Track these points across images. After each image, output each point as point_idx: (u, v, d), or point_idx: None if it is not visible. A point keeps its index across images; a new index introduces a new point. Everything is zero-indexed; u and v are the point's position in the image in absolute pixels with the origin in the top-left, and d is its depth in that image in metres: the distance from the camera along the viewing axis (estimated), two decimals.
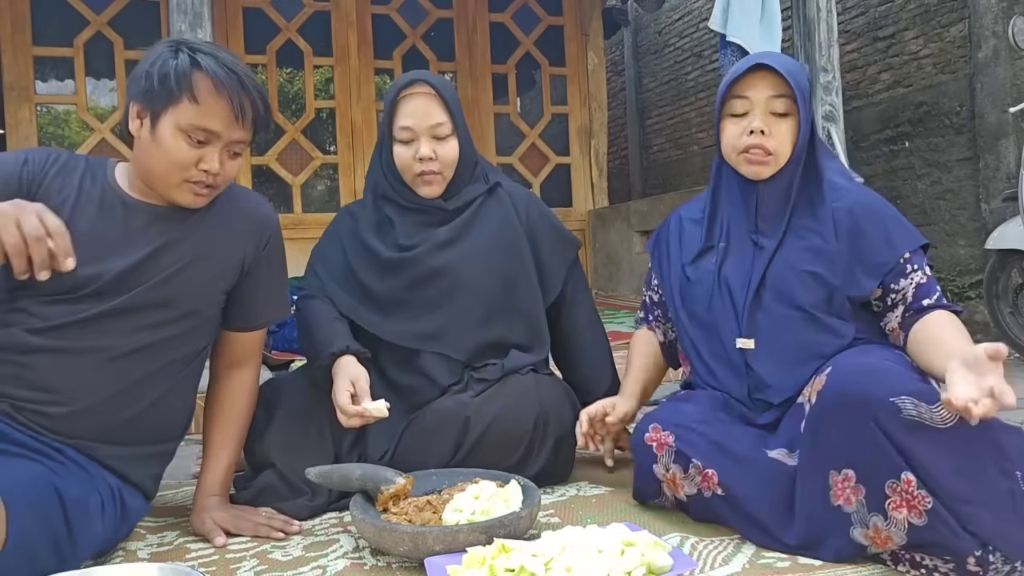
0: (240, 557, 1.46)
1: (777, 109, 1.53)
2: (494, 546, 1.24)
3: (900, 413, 1.21)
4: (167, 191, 1.41)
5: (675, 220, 1.79)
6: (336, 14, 4.73)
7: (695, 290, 1.66)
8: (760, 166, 1.56)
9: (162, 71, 1.34)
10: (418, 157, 1.81)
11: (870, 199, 1.55)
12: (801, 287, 1.52)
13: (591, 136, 5.31)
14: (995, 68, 4.71)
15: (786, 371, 1.50)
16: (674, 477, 1.52)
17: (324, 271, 1.93)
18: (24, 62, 4.11)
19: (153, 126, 1.36)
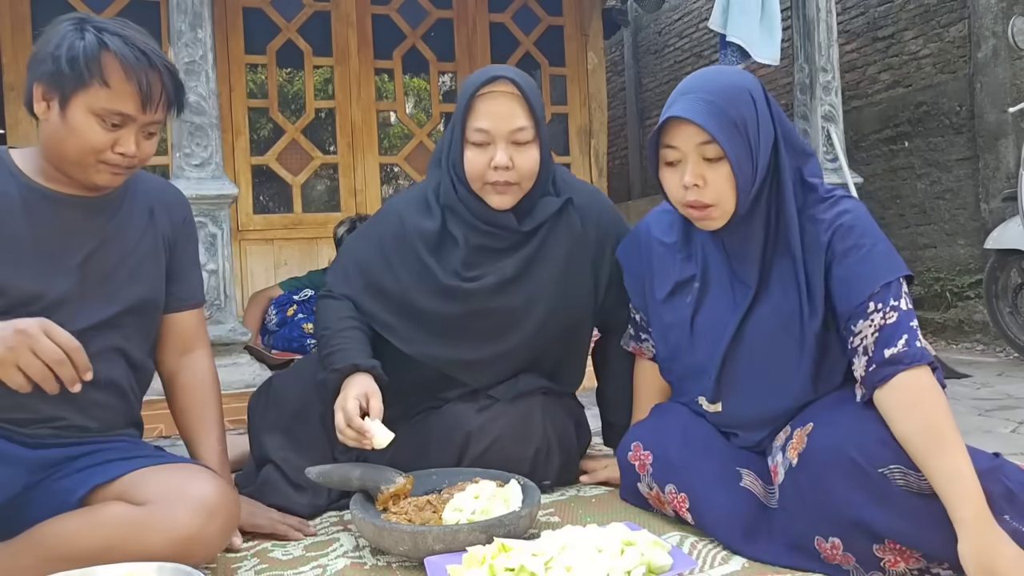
0: (241, 556, 1.46)
1: (708, 155, 1.35)
2: (494, 545, 1.24)
3: (891, 485, 1.19)
4: (82, 173, 1.34)
5: (644, 237, 1.64)
6: (336, 14, 4.73)
7: (669, 334, 1.56)
8: (707, 221, 1.41)
9: (69, 53, 1.28)
10: (493, 165, 1.61)
11: (844, 230, 1.34)
12: (776, 352, 1.40)
13: (591, 136, 5.31)
14: (995, 68, 4.71)
15: (751, 427, 1.46)
16: (657, 496, 1.54)
17: (358, 276, 1.76)
18: (24, 61, 4.11)
19: (63, 109, 1.30)
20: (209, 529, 1.26)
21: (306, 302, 3.47)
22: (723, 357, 1.44)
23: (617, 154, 8.58)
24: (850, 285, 1.31)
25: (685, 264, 1.53)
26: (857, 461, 1.21)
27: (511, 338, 1.72)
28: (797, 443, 1.31)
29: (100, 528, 1.24)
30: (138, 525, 1.23)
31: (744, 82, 1.39)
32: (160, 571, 1.15)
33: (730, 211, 1.38)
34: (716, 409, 1.48)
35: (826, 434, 1.28)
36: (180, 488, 1.26)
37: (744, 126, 1.34)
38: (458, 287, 1.68)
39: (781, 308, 1.39)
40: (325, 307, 1.75)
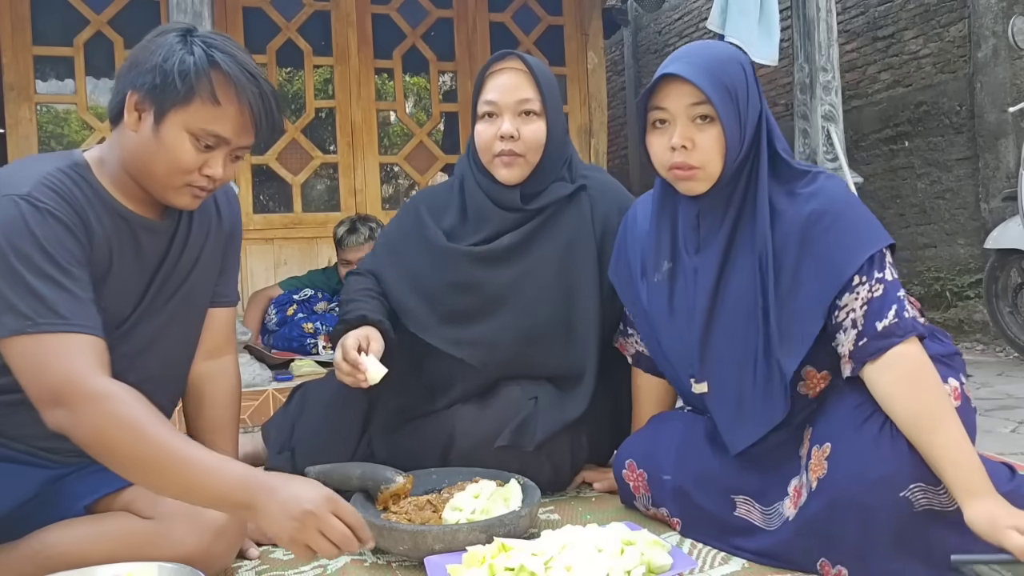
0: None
1: (698, 114, 1.34)
2: (494, 545, 1.24)
3: (913, 508, 1.17)
4: (164, 192, 1.28)
5: (630, 224, 1.61)
6: (336, 14, 4.73)
7: (651, 320, 1.52)
8: (690, 182, 1.38)
9: (180, 68, 1.20)
10: (499, 135, 1.67)
11: (822, 205, 1.32)
12: (748, 324, 1.36)
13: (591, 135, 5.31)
14: (995, 68, 4.71)
15: (742, 420, 1.38)
16: (655, 515, 1.54)
17: (383, 253, 1.87)
18: (24, 61, 4.11)
19: (157, 123, 1.23)
20: (216, 548, 1.26)
21: (306, 302, 3.47)
22: (700, 333, 1.40)
23: (617, 154, 8.57)
24: (833, 260, 1.28)
25: (657, 251, 1.50)
26: (878, 490, 1.18)
27: (504, 312, 1.72)
28: (816, 465, 1.28)
29: (105, 540, 1.24)
30: (145, 541, 1.23)
31: (735, 54, 1.41)
32: (160, 571, 1.15)
33: (715, 175, 1.37)
34: (703, 390, 1.43)
35: (846, 461, 1.23)
36: (188, 506, 1.24)
37: (735, 92, 1.34)
38: (456, 249, 1.74)
39: (750, 279, 1.36)
40: (352, 281, 1.83)
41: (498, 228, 1.75)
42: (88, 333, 1.16)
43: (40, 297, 1.13)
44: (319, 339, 3.32)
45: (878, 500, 1.18)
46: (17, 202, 1.15)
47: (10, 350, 1.14)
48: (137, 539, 1.23)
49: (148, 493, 1.28)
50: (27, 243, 1.14)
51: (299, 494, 1.06)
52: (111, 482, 1.31)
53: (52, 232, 1.17)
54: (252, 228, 4.50)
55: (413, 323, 1.75)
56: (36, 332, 1.12)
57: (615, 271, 1.64)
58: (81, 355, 1.13)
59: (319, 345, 3.30)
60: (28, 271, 1.13)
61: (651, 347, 1.59)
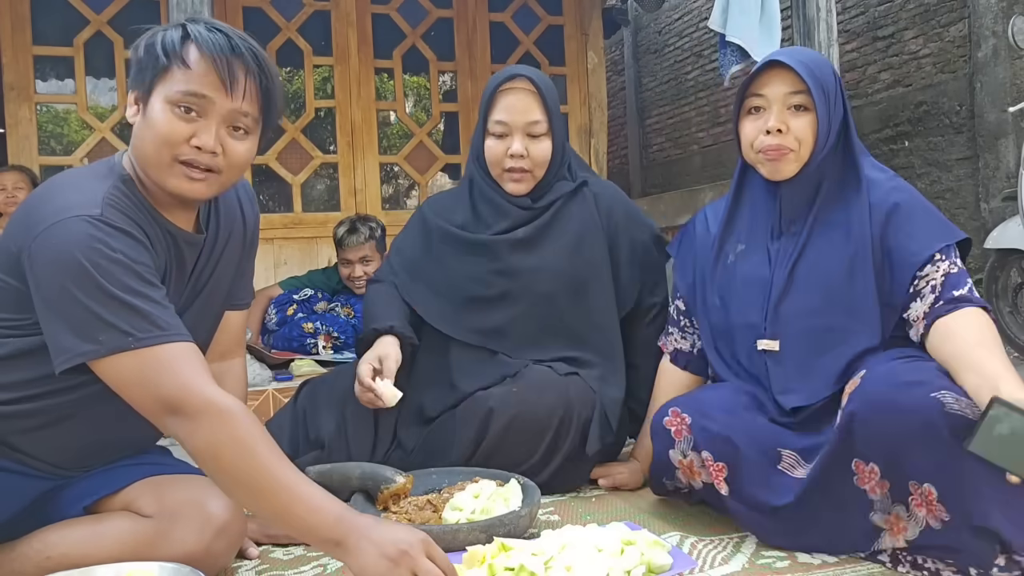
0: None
1: (795, 103, 1.49)
2: (494, 545, 1.24)
3: (943, 408, 1.19)
4: (160, 175, 1.22)
5: (700, 220, 1.73)
6: (336, 14, 4.73)
7: (716, 293, 1.61)
8: (780, 163, 1.49)
9: (149, 42, 1.22)
10: (509, 153, 1.81)
11: (905, 194, 1.48)
12: (829, 287, 1.46)
13: (591, 135, 5.31)
14: (995, 68, 4.71)
15: (810, 376, 1.45)
16: (691, 464, 1.47)
17: (398, 260, 1.96)
18: (24, 61, 4.11)
19: (145, 104, 1.22)
20: (216, 547, 1.26)
21: (306, 302, 3.47)
22: (778, 296, 1.49)
23: (617, 154, 8.57)
24: (917, 238, 1.42)
25: (729, 236, 1.62)
26: (910, 385, 1.23)
27: (524, 302, 1.82)
28: (850, 388, 1.34)
29: (106, 539, 1.24)
30: (145, 540, 1.23)
31: (829, 63, 1.56)
32: (161, 571, 1.15)
33: (804, 159, 1.49)
34: (773, 347, 1.50)
35: (879, 371, 1.31)
36: (189, 504, 1.26)
37: (827, 91, 1.49)
38: (476, 239, 1.85)
39: (840, 251, 1.47)
40: (372, 290, 1.93)
41: (512, 222, 1.87)
42: (186, 340, 1.17)
43: (136, 312, 1.13)
44: (319, 339, 3.32)
45: (908, 398, 1.22)
46: (93, 223, 1.14)
47: (111, 368, 1.14)
48: (137, 538, 1.23)
49: (148, 492, 1.29)
50: (111, 262, 1.13)
51: (396, 535, 1.07)
52: (111, 483, 1.32)
53: (132, 249, 1.17)
54: None
55: (436, 319, 1.86)
56: (139, 347, 1.12)
57: (681, 268, 1.73)
58: (190, 364, 1.14)
59: (319, 345, 3.30)
60: (118, 288, 1.13)
61: (711, 325, 1.63)
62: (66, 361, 1.13)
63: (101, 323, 1.12)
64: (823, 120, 1.47)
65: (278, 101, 1.29)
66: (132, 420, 1.33)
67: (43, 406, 1.24)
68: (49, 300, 1.14)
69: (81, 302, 1.11)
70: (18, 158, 4.04)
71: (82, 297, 1.11)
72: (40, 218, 1.16)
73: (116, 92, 4.46)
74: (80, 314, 1.12)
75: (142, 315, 1.13)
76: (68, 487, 1.33)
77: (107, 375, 1.15)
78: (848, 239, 1.47)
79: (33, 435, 1.26)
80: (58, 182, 1.26)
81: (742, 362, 1.56)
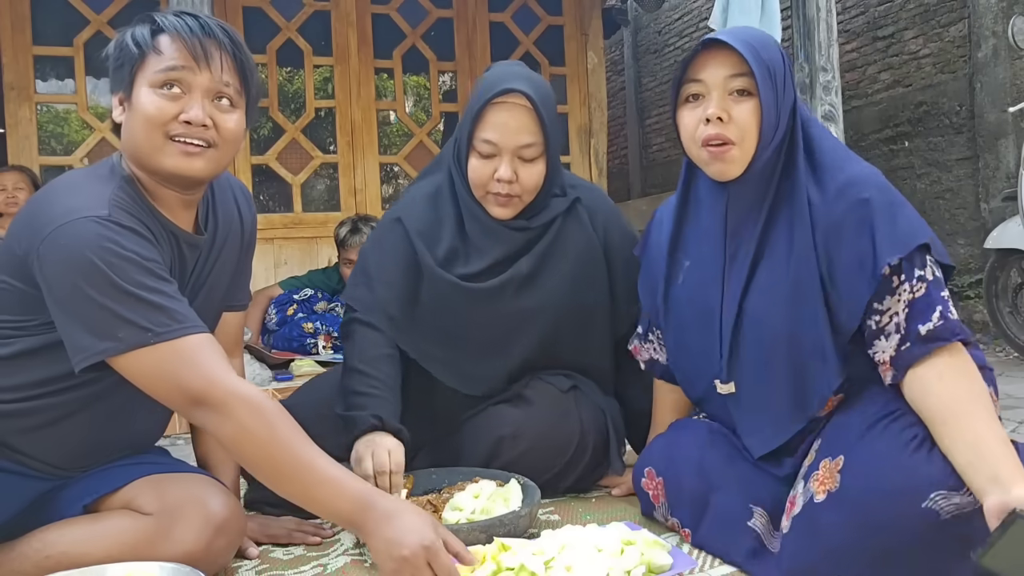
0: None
1: (736, 88, 1.30)
2: (494, 545, 1.24)
3: (939, 517, 1.08)
4: (155, 158, 1.23)
5: (655, 223, 1.58)
6: (336, 14, 4.73)
7: (671, 318, 1.49)
8: (723, 163, 1.31)
9: (120, 41, 1.26)
10: (496, 177, 1.59)
11: (857, 192, 1.24)
12: (782, 321, 1.30)
13: (591, 135, 5.31)
14: (995, 68, 4.71)
15: (773, 419, 1.34)
16: (673, 526, 1.48)
17: (385, 292, 1.69)
18: (24, 61, 4.11)
19: (130, 100, 1.24)
20: (216, 545, 1.26)
21: (306, 302, 3.47)
22: (731, 332, 1.35)
23: (617, 154, 8.57)
24: (868, 258, 1.21)
25: (675, 249, 1.47)
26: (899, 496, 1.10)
27: (525, 343, 1.70)
28: (826, 477, 1.20)
29: (106, 538, 1.24)
30: (145, 538, 1.23)
31: (776, 40, 1.36)
32: (161, 571, 1.15)
33: (749, 155, 1.31)
34: (730, 390, 1.38)
35: (861, 471, 1.16)
36: (189, 502, 1.26)
37: (774, 72, 1.30)
38: (476, 289, 1.66)
39: (785, 276, 1.30)
40: (361, 338, 1.66)
41: (507, 249, 1.69)
42: (204, 331, 1.20)
43: (153, 307, 1.15)
44: (319, 339, 3.32)
45: (899, 516, 1.10)
46: (102, 223, 1.16)
47: (132, 364, 1.16)
48: (137, 536, 1.24)
49: (148, 491, 1.29)
50: (123, 260, 1.15)
51: (404, 536, 1.10)
52: (110, 482, 1.32)
53: (142, 247, 1.19)
54: None
55: (438, 369, 1.71)
56: (159, 342, 1.14)
57: (641, 279, 1.61)
58: (210, 356, 1.17)
59: (319, 345, 3.31)
60: (132, 285, 1.15)
61: (671, 352, 1.54)
62: (85, 359, 1.14)
63: (119, 320, 1.13)
64: (769, 107, 1.28)
65: (255, 73, 1.33)
66: (130, 420, 1.33)
67: (43, 406, 1.25)
68: (63, 301, 1.15)
69: (96, 301, 1.13)
70: (18, 158, 4.04)
71: (97, 296, 1.13)
72: (47, 220, 1.16)
73: None
74: (96, 313, 1.13)
75: (159, 309, 1.15)
76: (67, 487, 1.33)
77: (128, 371, 1.16)
78: (795, 269, 1.29)
79: (32, 435, 1.27)
80: (61, 185, 1.26)
81: (704, 399, 1.48)
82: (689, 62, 1.33)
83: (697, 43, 1.33)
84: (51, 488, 1.33)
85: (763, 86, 1.28)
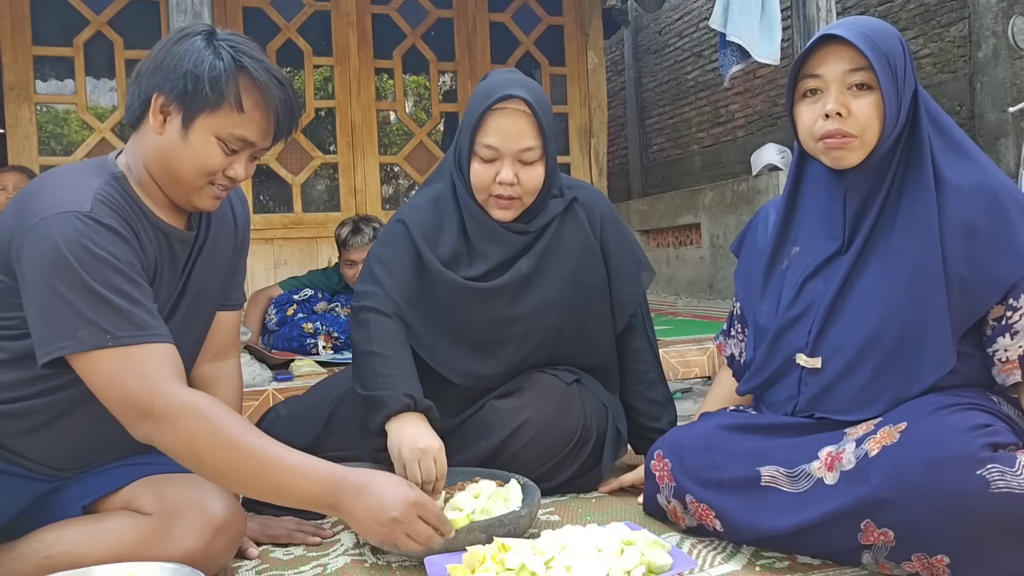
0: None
1: (855, 82, 1.30)
2: (494, 545, 1.24)
3: (989, 488, 1.09)
4: (187, 194, 1.29)
5: (761, 218, 1.60)
6: (336, 14, 4.73)
7: (766, 298, 1.49)
8: (841, 151, 1.32)
9: (211, 74, 1.21)
10: (498, 180, 1.66)
11: (994, 190, 1.26)
12: (888, 314, 1.29)
13: (591, 135, 5.31)
14: (995, 68, 4.71)
15: (853, 399, 1.33)
16: (675, 510, 1.48)
17: (391, 284, 1.71)
18: (24, 61, 4.11)
19: (185, 128, 1.24)
20: (216, 546, 1.26)
21: (306, 302, 3.47)
22: (830, 306, 1.35)
23: (617, 154, 8.57)
24: (1007, 256, 1.22)
25: (784, 235, 1.49)
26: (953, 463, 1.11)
27: (527, 344, 1.74)
28: (884, 437, 1.21)
29: (105, 539, 1.24)
30: (145, 538, 1.23)
31: (893, 28, 1.35)
32: (160, 571, 1.15)
33: (870, 146, 1.31)
34: (815, 365, 1.36)
35: (922, 433, 1.17)
36: (189, 503, 1.26)
37: (894, 62, 1.29)
38: (478, 288, 1.71)
39: (903, 262, 1.29)
40: (377, 323, 1.66)
41: (507, 251, 1.74)
42: (163, 341, 1.19)
43: (117, 310, 1.15)
44: (319, 339, 3.32)
45: (950, 482, 1.11)
46: (82, 219, 1.16)
47: (88, 365, 1.15)
48: (137, 536, 1.24)
49: (148, 491, 1.29)
50: (97, 259, 1.15)
51: (385, 500, 1.13)
52: (109, 483, 1.32)
53: (118, 247, 1.19)
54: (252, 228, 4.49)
55: (440, 364, 1.73)
56: (116, 346, 1.14)
57: (738, 272, 1.62)
58: (161, 367, 1.16)
59: (319, 345, 3.30)
60: (101, 286, 1.15)
61: (754, 331, 1.53)
62: (46, 354, 1.15)
63: (82, 319, 1.13)
64: (890, 99, 1.28)
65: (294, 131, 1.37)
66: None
67: (36, 406, 1.25)
68: (34, 294, 1.15)
69: (64, 296, 1.13)
70: (18, 158, 4.04)
71: (65, 292, 1.13)
72: (31, 213, 1.17)
73: (116, 92, 4.46)
74: (62, 308, 1.13)
75: (122, 313, 1.15)
76: (66, 488, 1.33)
77: (85, 373, 1.16)
78: (915, 255, 1.28)
79: (28, 437, 1.27)
80: (50, 178, 1.27)
81: (772, 380, 1.46)
82: (806, 57, 1.34)
83: (814, 37, 1.34)
84: (49, 489, 1.32)
85: (883, 79, 1.28)
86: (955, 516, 1.11)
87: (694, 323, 3.75)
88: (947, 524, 1.12)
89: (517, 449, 1.66)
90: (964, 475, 1.10)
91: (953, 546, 1.14)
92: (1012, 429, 1.22)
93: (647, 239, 5.60)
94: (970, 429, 1.15)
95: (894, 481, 1.15)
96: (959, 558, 1.14)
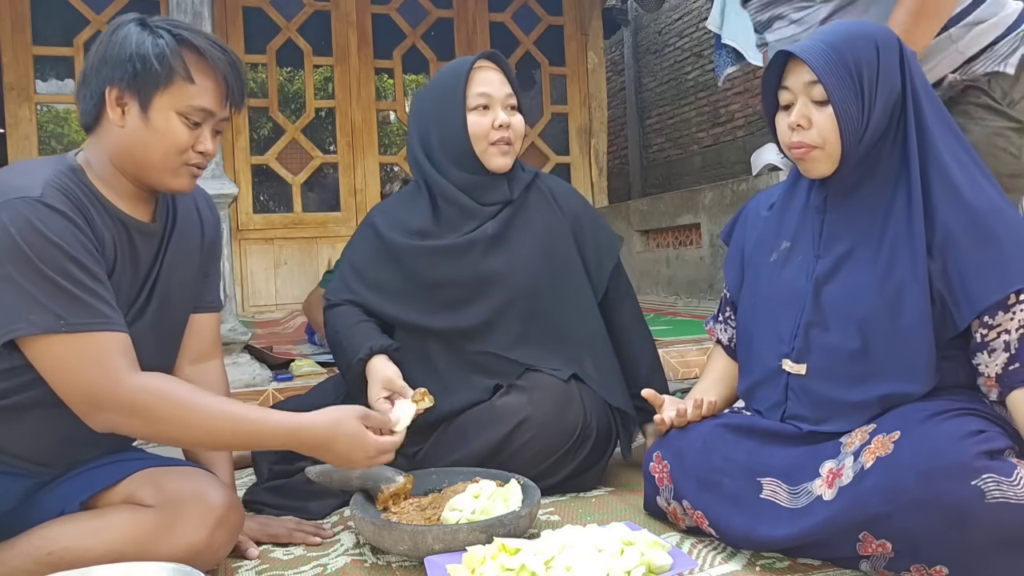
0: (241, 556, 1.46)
1: (815, 97, 1.33)
2: (494, 545, 1.24)
3: (984, 498, 1.10)
4: (163, 178, 1.29)
5: (752, 206, 1.63)
6: (336, 14, 4.73)
7: (753, 294, 1.51)
8: (808, 162, 1.36)
9: (156, 51, 1.23)
10: (497, 124, 1.81)
11: (983, 205, 1.26)
12: (867, 320, 1.31)
13: (591, 135, 5.31)
14: None
15: (836, 409, 1.34)
16: (675, 512, 1.48)
17: (356, 279, 1.85)
18: (24, 61, 4.12)
19: (144, 111, 1.24)
20: (216, 538, 1.26)
21: None
22: (811, 311, 1.37)
23: (617, 154, 8.58)
24: (989, 274, 1.23)
25: (778, 229, 1.51)
26: (948, 472, 1.12)
27: (500, 293, 1.79)
28: (878, 447, 1.21)
29: (107, 533, 1.24)
30: (147, 532, 1.23)
31: (874, 32, 1.36)
32: (160, 571, 1.15)
33: (835, 156, 1.35)
34: (800, 371, 1.38)
35: (916, 442, 1.17)
36: (190, 495, 1.26)
37: (858, 70, 1.31)
38: (443, 245, 1.81)
39: (882, 268, 1.31)
40: (333, 316, 1.84)
41: (478, 223, 1.84)
42: (117, 330, 1.20)
43: (69, 296, 1.15)
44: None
45: (945, 493, 1.11)
46: (33, 204, 1.16)
47: (39, 350, 1.16)
48: (139, 530, 1.24)
49: (148, 483, 1.29)
50: (48, 244, 1.15)
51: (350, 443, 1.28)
52: (107, 478, 1.31)
53: (70, 233, 1.18)
54: (252, 228, 4.50)
55: (408, 316, 1.81)
56: (69, 332, 1.15)
57: (728, 260, 1.65)
58: (119, 357, 1.18)
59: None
60: (53, 271, 1.15)
61: (742, 327, 1.55)
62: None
63: (33, 303, 1.14)
64: (847, 110, 1.30)
65: (244, 99, 1.39)
66: None
67: (11, 398, 1.23)
68: None
69: (15, 281, 1.14)
70: (18, 158, 4.05)
71: (16, 276, 1.14)
72: None
73: None
74: (13, 292, 1.14)
75: (75, 299, 1.16)
76: (61, 484, 1.33)
77: (37, 359, 1.17)
78: (897, 262, 1.30)
79: (4, 429, 1.25)
80: (5, 171, 1.29)
81: (761, 373, 1.47)
82: (781, 69, 1.39)
83: (772, 55, 1.39)
84: (41, 486, 1.32)
85: (836, 92, 1.30)
86: (952, 528, 1.11)
87: (694, 323, 3.75)
88: (944, 535, 1.12)
89: (517, 446, 1.66)
90: (959, 486, 1.11)
91: (951, 557, 1.14)
92: (1005, 432, 1.22)
93: (647, 239, 5.61)
94: (964, 437, 1.16)
95: (889, 494, 1.16)
96: (958, 569, 1.15)
